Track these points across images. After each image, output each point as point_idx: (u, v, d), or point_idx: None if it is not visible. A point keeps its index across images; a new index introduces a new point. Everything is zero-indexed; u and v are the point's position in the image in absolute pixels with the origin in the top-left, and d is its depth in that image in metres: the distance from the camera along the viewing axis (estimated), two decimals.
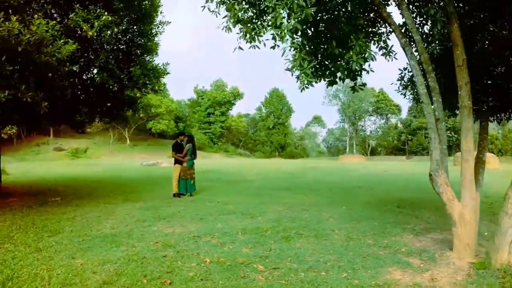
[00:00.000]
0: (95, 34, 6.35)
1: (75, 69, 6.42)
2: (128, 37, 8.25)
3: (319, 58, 5.09)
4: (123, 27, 7.76)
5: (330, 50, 4.62)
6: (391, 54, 5.49)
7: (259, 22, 4.80)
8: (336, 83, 5.51)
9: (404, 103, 69.98)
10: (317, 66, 5.09)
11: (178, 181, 9.12)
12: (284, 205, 7.85)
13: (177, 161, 9.21)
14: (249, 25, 4.72)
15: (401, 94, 7.60)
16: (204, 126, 53.97)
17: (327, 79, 5.31)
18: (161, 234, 5.08)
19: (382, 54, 5.46)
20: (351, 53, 4.38)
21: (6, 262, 3.74)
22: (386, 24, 5.21)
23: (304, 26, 4.37)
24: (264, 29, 4.37)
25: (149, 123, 45.28)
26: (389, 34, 5.67)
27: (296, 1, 3.78)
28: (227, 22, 4.73)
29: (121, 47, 8.03)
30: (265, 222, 6.06)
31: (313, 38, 4.85)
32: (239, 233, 5.23)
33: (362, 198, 9.15)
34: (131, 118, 10.09)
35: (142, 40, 8.54)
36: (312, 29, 4.84)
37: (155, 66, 8.82)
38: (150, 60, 9.01)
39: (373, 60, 4.66)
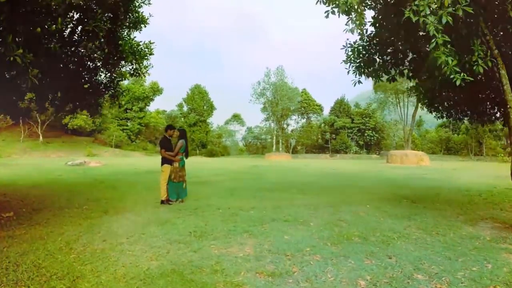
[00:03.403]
0: None
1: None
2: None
3: None
4: None
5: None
6: None
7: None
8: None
9: (327, 103, 75.90)
10: None
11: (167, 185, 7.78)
12: (306, 207, 7.49)
13: (165, 161, 7.82)
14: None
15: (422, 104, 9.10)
16: (121, 122, 51.72)
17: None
18: (237, 258, 4.04)
19: None
20: (475, 56, 4.43)
21: None
22: None
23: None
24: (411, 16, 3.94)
25: (66, 118, 40.78)
26: None
27: None
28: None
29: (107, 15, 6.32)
30: (325, 227, 5.61)
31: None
32: (328, 244, 4.61)
33: (368, 196, 9.31)
34: (112, 105, 8.03)
35: (130, 13, 6.91)
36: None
37: (138, 44, 7.25)
38: (127, 36, 7.35)
39: (488, 67, 4.65)
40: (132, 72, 7.25)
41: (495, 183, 12.54)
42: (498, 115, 8.42)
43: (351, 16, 4.46)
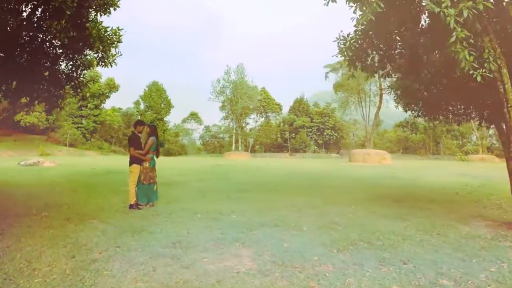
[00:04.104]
0: None
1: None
2: None
3: None
4: None
5: None
6: None
7: None
8: None
9: (286, 102, 76.65)
10: None
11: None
12: (289, 210, 7.22)
13: (134, 161, 7.06)
14: None
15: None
16: (76, 120, 49.38)
17: None
18: (240, 275, 3.54)
19: None
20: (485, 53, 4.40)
21: None
22: None
23: None
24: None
25: (18, 114, 38.86)
26: None
27: None
28: None
29: None
30: (321, 231, 5.30)
31: None
32: (334, 251, 4.31)
33: (348, 196, 9.21)
34: (74, 97, 6.93)
35: None
36: None
37: (105, 30, 6.40)
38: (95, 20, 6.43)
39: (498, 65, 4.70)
40: (97, 61, 6.38)
41: (464, 181, 13.18)
42: (473, 114, 8.70)
43: (362, 1, 4.15)
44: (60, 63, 5.95)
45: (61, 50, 5.63)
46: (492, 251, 4.30)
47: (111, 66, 6.87)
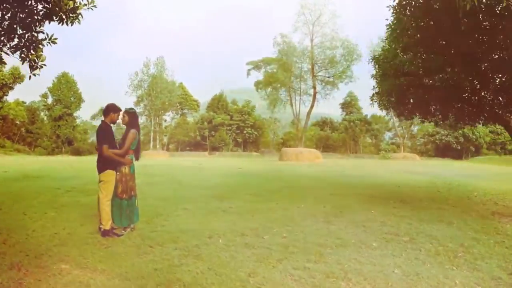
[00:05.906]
0: None
1: None
2: None
3: None
4: None
5: None
6: None
7: None
8: None
9: (203, 99, 73.69)
10: None
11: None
12: (312, 221, 6.02)
13: (107, 164, 4.79)
14: None
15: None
16: None
17: None
18: None
19: None
20: None
21: None
22: None
23: None
24: None
25: None
26: None
27: None
28: None
29: None
30: (394, 246, 4.31)
31: None
32: (454, 268, 3.37)
33: (346, 200, 8.19)
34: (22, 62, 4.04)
35: None
36: None
37: None
38: None
39: None
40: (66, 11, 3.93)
41: (426, 179, 13.48)
42: (450, 114, 8.61)
43: None
44: None
45: None
46: None
47: (72, 23, 4.46)
